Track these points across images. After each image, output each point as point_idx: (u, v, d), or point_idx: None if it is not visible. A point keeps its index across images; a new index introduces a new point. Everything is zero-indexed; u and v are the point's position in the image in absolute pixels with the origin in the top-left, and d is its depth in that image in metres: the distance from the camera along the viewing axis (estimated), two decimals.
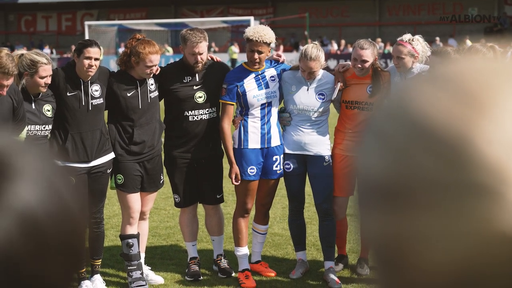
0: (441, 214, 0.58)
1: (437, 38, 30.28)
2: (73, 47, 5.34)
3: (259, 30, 5.29)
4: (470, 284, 0.57)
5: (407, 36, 5.42)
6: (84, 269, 5.36)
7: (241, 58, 27.03)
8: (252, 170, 5.45)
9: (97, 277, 5.44)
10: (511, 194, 0.56)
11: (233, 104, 5.44)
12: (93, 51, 5.01)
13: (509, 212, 0.56)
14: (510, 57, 7.37)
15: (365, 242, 5.75)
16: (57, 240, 0.67)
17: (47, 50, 34.99)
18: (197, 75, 5.45)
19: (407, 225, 0.59)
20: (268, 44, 5.31)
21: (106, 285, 5.53)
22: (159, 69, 5.46)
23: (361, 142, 0.67)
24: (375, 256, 0.65)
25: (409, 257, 0.60)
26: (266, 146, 5.46)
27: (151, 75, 5.30)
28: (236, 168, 5.40)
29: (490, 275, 0.57)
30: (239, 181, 5.43)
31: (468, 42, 25.32)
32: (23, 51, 5.01)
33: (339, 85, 5.43)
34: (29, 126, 4.85)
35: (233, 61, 29.60)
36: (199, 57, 5.33)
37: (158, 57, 5.25)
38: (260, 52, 5.28)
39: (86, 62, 4.99)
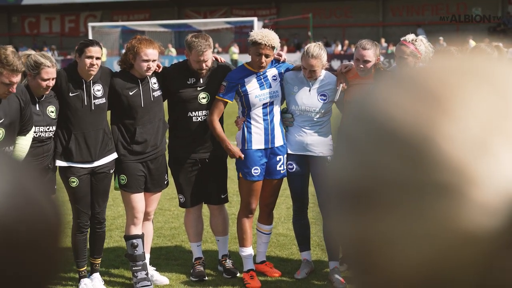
0: (404, 215, 0.57)
1: (441, 38, 30.23)
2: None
3: (267, 34, 5.29)
4: (438, 285, 0.57)
5: (410, 37, 5.41)
6: (85, 268, 5.39)
7: (241, 58, 27.04)
8: (256, 171, 5.46)
9: (96, 276, 5.47)
10: (474, 193, 0.55)
11: (227, 102, 5.46)
12: (94, 50, 5.03)
13: (472, 212, 0.55)
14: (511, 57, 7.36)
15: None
16: (26, 239, 0.65)
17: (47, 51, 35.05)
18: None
19: (372, 226, 0.59)
20: (274, 48, 5.33)
21: (111, 286, 5.56)
22: (161, 67, 5.49)
23: (333, 146, 0.67)
24: (346, 258, 0.65)
25: (375, 259, 0.59)
26: (270, 146, 5.47)
27: (150, 72, 5.29)
28: (234, 149, 5.40)
29: (456, 276, 0.56)
30: (242, 155, 5.42)
31: (472, 42, 25.28)
32: (31, 51, 5.04)
33: (341, 86, 5.44)
34: (34, 128, 4.88)
35: (233, 62, 29.61)
36: (204, 64, 5.36)
37: (154, 53, 5.25)
38: (267, 56, 5.30)
39: (88, 61, 5.01)
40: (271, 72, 5.49)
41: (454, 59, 0.63)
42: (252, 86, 5.40)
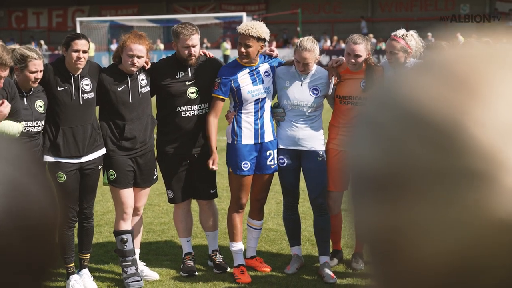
0: (435, 203, 0.56)
1: (429, 34, 30.35)
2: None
3: (248, 24, 5.31)
4: (467, 274, 0.56)
5: (400, 32, 5.41)
6: (73, 264, 5.36)
7: (234, 54, 27.00)
8: (245, 165, 5.45)
9: (85, 271, 5.44)
10: (506, 179, 0.54)
11: (224, 99, 5.44)
12: (80, 44, 4.99)
13: (505, 198, 0.54)
14: None
15: (359, 236, 5.76)
16: (17, 237, 0.64)
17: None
18: (189, 70, 5.44)
19: (401, 215, 0.58)
20: (258, 39, 5.28)
21: (101, 281, 5.53)
22: (150, 64, 5.45)
23: (352, 133, 0.66)
24: (369, 249, 0.63)
25: (403, 249, 0.58)
26: (259, 141, 5.46)
27: (134, 69, 5.24)
28: (215, 156, 5.42)
29: (487, 265, 0.55)
30: (216, 168, 5.44)
31: (460, 37, 25.38)
32: (16, 46, 4.99)
33: (333, 79, 5.43)
34: (22, 123, 4.83)
35: (226, 57, 29.57)
36: (192, 49, 5.32)
37: (140, 48, 5.20)
38: (247, 46, 5.27)
39: (75, 54, 4.97)
40: (264, 67, 5.47)
41: (481, 45, 0.62)
42: (245, 82, 5.38)
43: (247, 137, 5.44)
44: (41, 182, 0.68)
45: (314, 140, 5.48)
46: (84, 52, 5.02)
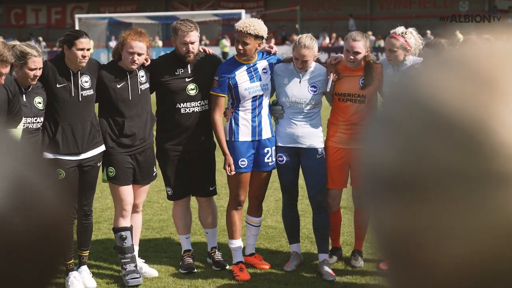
0: (461, 205, 0.54)
1: (428, 31, 30.34)
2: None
3: (246, 21, 5.30)
4: (492, 278, 0.54)
5: (400, 29, 5.41)
6: (72, 261, 5.36)
7: (233, 51, 26.99)
8: (243, 163, 5.45)
9: (84, 268, 5.44)
10: None
11: (224, 96, 5.44)
12: (85, 42, 5.00)
13: None
14: None
15: (359, 234, 5.77)
16: (27, 238, 0.63)
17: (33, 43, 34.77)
18: (189, 67, 5.43)
19: (422, 217, 0.56)
20: (255, 37, 5.27)
21: (100, 278, 5.53)
22: (149, 60, 5.45)
23: (366, 131, 0.64)
24: (386, 251, 0.61)
25: (425, 251, 0.56)
26: (257, 139, 5.46)
27: (135, 66, 5.25)
28: (230, 159, 5.40)
29: None
30: (234, 172, 5.43)
31: (459, 35, 25.37)
32: (16, 42, 4.99)
33: (332, 75, 5.42)
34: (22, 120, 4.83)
35: (224, 54, 29.55)
36: (190, 46, 5.32)
37: (141, 45, 5.20)
38: (245, 43, 5.27)
39: (79, 53, 4.97)
40: (262, 64, 5.47)
41: (503, 42, 0.60)
42: (242, 79, 5.37)
43: (244, 134, 5.44)
44: (50, 179, 0.68)
45: (313, 137, 5.48)
46: (88, 50, 5.03)
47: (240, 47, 5.28)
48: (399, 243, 0.58)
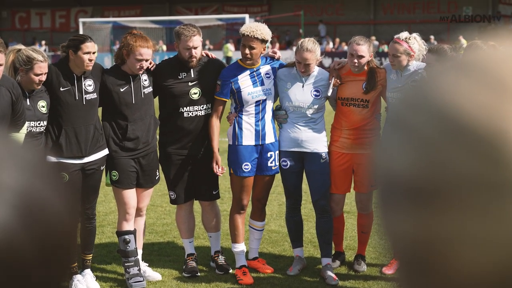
0: (483, 214, 0.53)
1: (432, 37, 30.35)
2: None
3: (252, 26, 5.32)
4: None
5: (404, 34, 5.40)
6: (76, 264, 5.37)
7: (236, 56, 27.01)
8: (246, 167, 5.46)
9: (88, 272, 5.45)
10: None
11: (226, 101, 5.45)
12: (91, 46, 5.04)
13: None
14: None
15: (362, 238, 5.77)
16: (35, 253, 0.62)
17: (39, 47, 34.84)
18: (192, 71, 5.45)
19: (443, 225, 0.55)
20: (261, 41, 5.29)
21: (103, 282, 5.54)
22: (154, 64, 5.47)
23: (381, 137, 0.62)
24: (402, 259, 0.59)
25: (445, 259, 0.55)
26: (260, 143, 5.47)
27: (142, 71, 5.28)
28: (218, 157, 5.41)
29: None
30: (221, 172, 5.43)
31: (462, 40, 25.37)
32: (21, 46, 5.00)
33: (333, 80, 5.43)
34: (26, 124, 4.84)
35: (228, 59, 29.57)
36: (193, 51, 5.33)
37: (149, 52, 5.23)
38: (251, 48, 5.29)
39: (86, 57, 5.00)
40: (265, 69, 5.48)
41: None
42: (245, 83, 5.39)
43: (248, 139, 5.45)
44: (57, 189, 0.66)
45: (317, 142, 5.49)
46: (93, 53, 5.06)
47: (246, 51, 5.30)
48: (417, 251, 0.57)
